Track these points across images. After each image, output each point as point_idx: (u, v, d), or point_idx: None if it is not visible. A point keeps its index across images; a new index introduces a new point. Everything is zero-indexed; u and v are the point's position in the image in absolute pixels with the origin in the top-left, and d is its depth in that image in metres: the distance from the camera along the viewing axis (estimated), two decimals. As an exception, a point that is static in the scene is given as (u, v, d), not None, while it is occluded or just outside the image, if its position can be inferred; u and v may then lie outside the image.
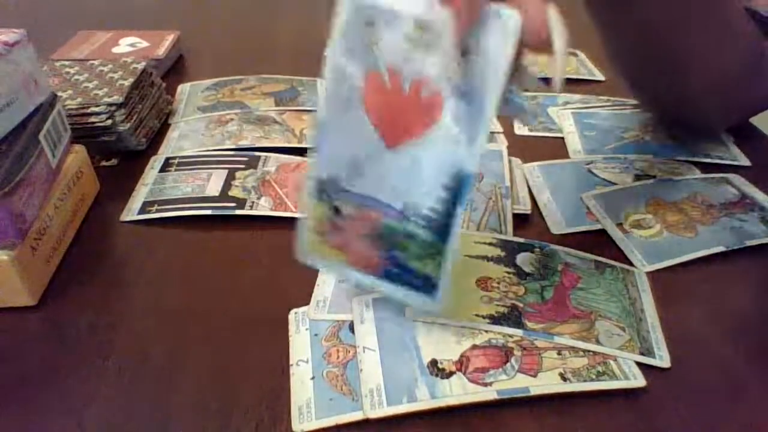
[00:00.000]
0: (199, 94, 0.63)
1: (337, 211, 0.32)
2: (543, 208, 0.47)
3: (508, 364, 0.34)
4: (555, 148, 0.55)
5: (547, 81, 0.30)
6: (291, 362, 0.35)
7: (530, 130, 0.58)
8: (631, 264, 0.42)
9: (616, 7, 0.43)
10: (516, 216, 0.46)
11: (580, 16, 0.51)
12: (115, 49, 0.70)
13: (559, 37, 0.28)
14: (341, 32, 0.29)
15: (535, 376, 0.33)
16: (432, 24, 0.28)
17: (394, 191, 0.31)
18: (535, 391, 0.32)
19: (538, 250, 0.42)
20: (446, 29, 0.27)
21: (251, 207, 0.46)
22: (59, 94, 0.48)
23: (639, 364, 0.34)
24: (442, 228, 0.31)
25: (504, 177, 0.49)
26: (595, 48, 0.58)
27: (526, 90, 0.32)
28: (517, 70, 0.29)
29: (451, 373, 0.33)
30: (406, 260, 0.32)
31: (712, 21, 0.46)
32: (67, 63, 0.57)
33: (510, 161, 0.51)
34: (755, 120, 0.59)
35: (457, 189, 0.30)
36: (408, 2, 0.28)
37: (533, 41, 0.29)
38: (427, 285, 0.32)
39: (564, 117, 0.59)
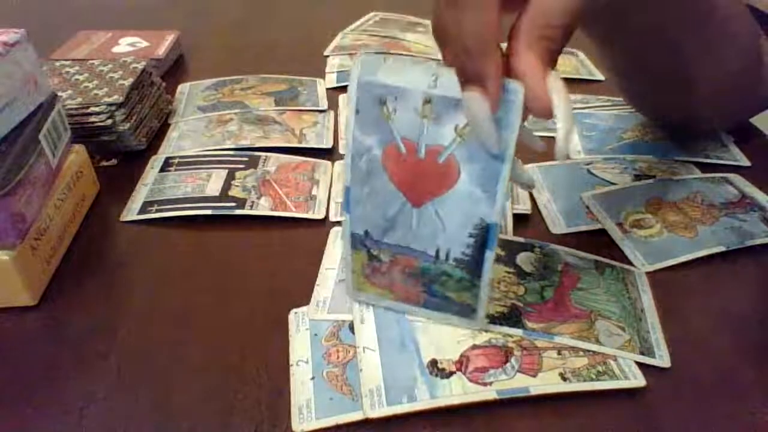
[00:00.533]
0: (199, 94, 0.63)
1: (375, 257, 0.35)
2: (543, 208, 0.47)
3: (508, 364, 0.34)
4: (555, 148, 0.55)
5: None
6: (291, 362, 0.35)
7: (530, 130, 0.58)
8: (631, 264, 0.42)
9: (612, 19, 0.43)
10: (516, 216, 0.46)
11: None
12: (115, 49, 0.70)
13: (560, 105, 0.28)
14: (355, 110, 0.31)
15: (534, 376, 0.33)
16: (439, 98, 0.30)
17: (425, 240, 0.33)
18: (535, 391, 0.32)
19: (538, 250, 0.42)
20: (476, 115, 0.29)
21: (251, 207, 0.46)
22: (59, 94, 0.48)
23: (639, 364, 0.34)
24: (474, 266, 0.33)
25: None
26: (594, 48, 0.58)
27: (531, 143, 0.33)
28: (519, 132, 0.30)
29: (451, 373, 0.33)
30: (444, 292, 0.34)
31: (708, 23, 0.46)
32: (67, 63, 0.57)
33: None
34: (755, 120, 0.59)
35: (483, 236, 0.32)
36: (414, 79, 0.30)
37: (537, 113, 0.29)
38: (467, 311, 0.35)
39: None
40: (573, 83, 0.66)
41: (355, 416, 0.31)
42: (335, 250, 0.42)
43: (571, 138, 0.29)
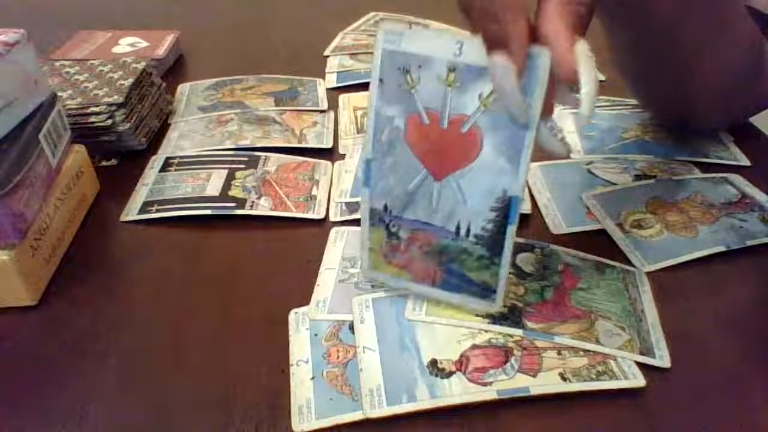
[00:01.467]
0: (199, 94, 0.63)
1: (393, 234, 0.34)
2: (543, 208, 0.47)
3: (508, 364, 0.34)
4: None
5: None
6: (291, 362, 0.35)
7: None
8: (631, 264, 0.42)
9: None
10: (516, 216, 0.46)
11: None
12: (115, 49, 0.70)
13: (587, 74, 0.28)
14: (378, 80, 0.31)
15: (534, 376, 0.33)
16: (464, 66, 0.30)
17: (445, 216, 0.33)
18: (534, 391, 0.32)
19: (538, 250, 0.42)
20: (502, 79, 0.28)
21: (251, 207, 0.46)
22: (59, 94, 0.48)
23: (639, 364, 0.34)
24: (494, 243, 0.33)
25: None
26: (595, 48, 0.58)
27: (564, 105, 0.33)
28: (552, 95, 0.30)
29: (451, 373, 0.33)
30: (463, 271, 0.34)
31: (713, 18, 0.46)
32: (67, 63, 0.57)
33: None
34: (755, 120, 0.59)
35: (505, 210, 0.32)
36: (439, 47, 0.30)
37: (563, 77, 0.29)
38: (485, 290, 0.34)
39: (564, 117, 0.59)
40: (573, 83, 0.66)
41: (355, 416, 0.31)
42: (335, 250, 0.42)
43: (594, 102, 0.29)
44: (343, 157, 0.53)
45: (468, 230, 0.33)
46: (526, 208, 0.47)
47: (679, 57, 0.48)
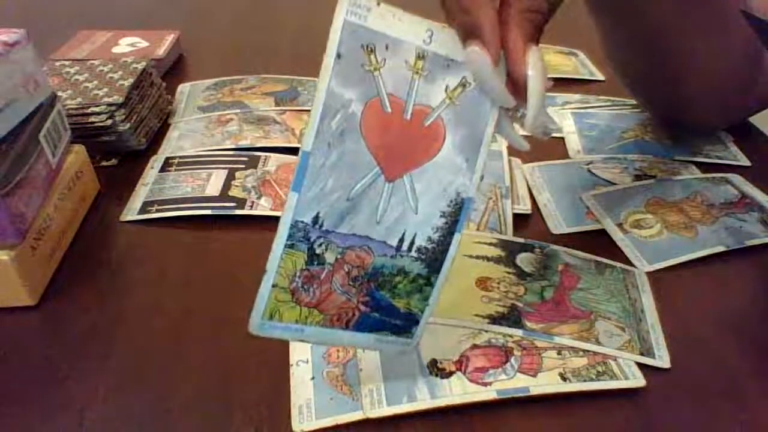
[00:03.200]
0: (199, 94, 0.63)
1: (316, 258, 0.28)
2: (543, 208, 0.47)
3: (508, 364, 0.34)
4: (555, 148, 0.55)
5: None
6: (291, 362, 0.35)
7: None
8: (631, 264, 0.42)
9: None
10: (516, 216, 0.46)
11: (581, 16, 0.51)
12: (115, 49, 0.70)
13: (534, 80, 0.28)
14: (335, 54, 0.26)
15: (534, 376, 0.33)
16: (433, 56, 0.28)
17: (389, 226, 0.29)
18: (534, 391, 0.32)
19: (538, 250, 0.42)
20: (479, 68, 0.28)
21: (251, 207, 0.46)
22: (59, 94, 0.48)
23: (639, 364, 0.34)
24: (436, 258, 0.30)
25: (504, 177, 0.49)
26: (595, 48, 0.58)
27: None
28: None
29: (450, 373, 0.33)
30: (390, 299, 0.30)
31: (709, 16, 0.46)
32: (67, 63, 0.57)
33: (510, 161, 0.51)
34: (755, 120, 0.59)
35: (455, 215, 0.30)
36: (409, 31, 0.27)
37: (514, 84, 0.29)
38: (407, 323, 0.31)
39: (564, 117, 0.59)
40: (573, 83, 0.67)
41: (355, 416, 0.31)
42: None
43: (540, 114, 0.29)
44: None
45: (412, 243, 0.29)
46: (525, 208, 0.47)
47: (675, 56, 0.48)
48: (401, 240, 0.29)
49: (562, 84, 0.66)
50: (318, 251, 0.28)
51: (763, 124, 0.59)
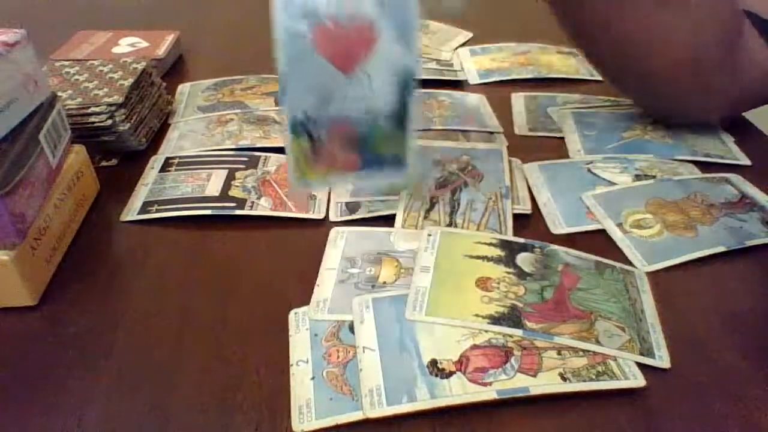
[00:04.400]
0: (199, 94, 0.63)
1: (316, 140, 0.39)
2: (543, 208, 0.47)
3: (508, 364, 0.34)
4: (555, 148, 0.55)
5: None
6: (291, 362, 0.35)
7: (530, 130, 0.58)
8: (631, 264, 0.42)
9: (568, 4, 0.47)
10: (516, 216, 0.46)
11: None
12: (115, 49, 0.70)
13: None
14: (283, 5, 0.36)
15: (534, 376, 0.33)
16: None
17: (358, 104, 0.38)
18: (534, 391, 0.32)
19: (538, 250, 0.42)
20: None
21: (251, 207, 0.46)
22: (59, 94, 0.48)
23: (639, 365, 0.34)
24: (400, 117, 0.39)
25: (504, 177, 0.49)
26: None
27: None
28: None
29: (450, 373, 0.33)
30: (377, 149, 0.40)
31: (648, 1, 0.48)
32: (67, 63, 0.57)
33: (510, 161, 0.51)
34: (755, 120, 0.59)
35: (404, 83, 0.39)
36: None
37: None
38: (396, 163, 0.41)
39: (564, 117, 0.59)
40: (573, 83, 0.67)
41: (355, 416, 0.31)
42: (336, 250, 0.42)
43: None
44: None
45: (378, 113, 0.39)
46: (525, 208, 0.47)
47: (625, 44, 0.49)
48: (370, 110, 0.39)
49: (562, 84, 0.66)
50: (314, 135, 0.39)
51: (763, 124, 0.59)
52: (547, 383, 0.33)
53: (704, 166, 0.52)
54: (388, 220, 0.45)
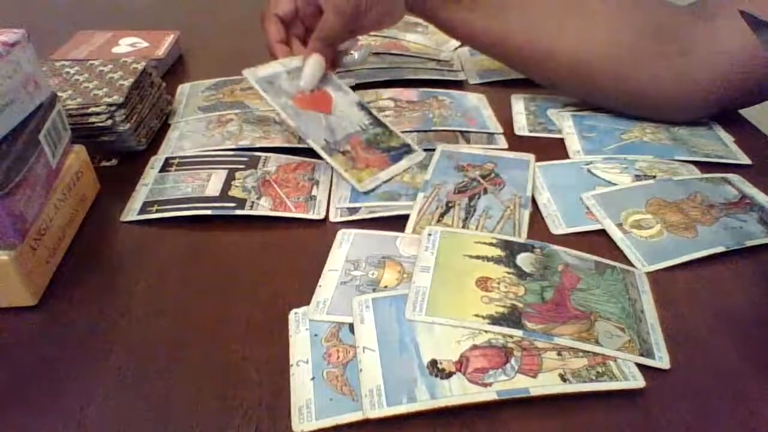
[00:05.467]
0: (199, 94, 0.63)
1: (343, 153, 0.50)
2: (543, 208, 0.47)
3: (508, 365, 0.34)
4: (555, 148, 0.55)
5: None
6: (291, 362, 0.35)
7: (530, 131, 0.58)
8: (631, 264, 0.42)
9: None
10: (516, 216, 0.46)
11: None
12: (115, 49, 0.70)
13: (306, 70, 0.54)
14: (266, 91, 0.51)
15: (534, 376, 0.33)
16: (297, 70, 0.54)
17: (349, 125, 0.53)
18: (534, 392, 0.32)
19: (538, 250, 0.42)
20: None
21: (251, 207, 0.46)
22: (59, 94, 0.48)
23: (639, 365, 0.34)
24: (377, 122, 0.55)
25: (527, 186, 0.49)
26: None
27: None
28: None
29: (450, 374, 0.33)
30: (385, 145, 0.53)
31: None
32: (67, 63, 0.57)
33: (535, 170, 0.51)
34: (755, 119, 0.59)
35: (360, 104, 0.56)
36: (285, 63, 0.54)
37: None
38: (407, 149, 0.54)
39: (563, 118, 0.59)
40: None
41: (355, 416, 0.31)
42: (340, 252, 0.42)
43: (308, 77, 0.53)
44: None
45: (362, 124, 0.54)
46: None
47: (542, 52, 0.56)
48: (358, 125, 0.54)
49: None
50: (341, 149, 0.51)
51: (763, 123, 0.59)
52: (547, 384, 0.33)
53: (704, 167, 0.52)
54: (402, 222, 0.45)
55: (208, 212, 0.46)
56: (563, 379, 0.33)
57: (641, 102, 0.56)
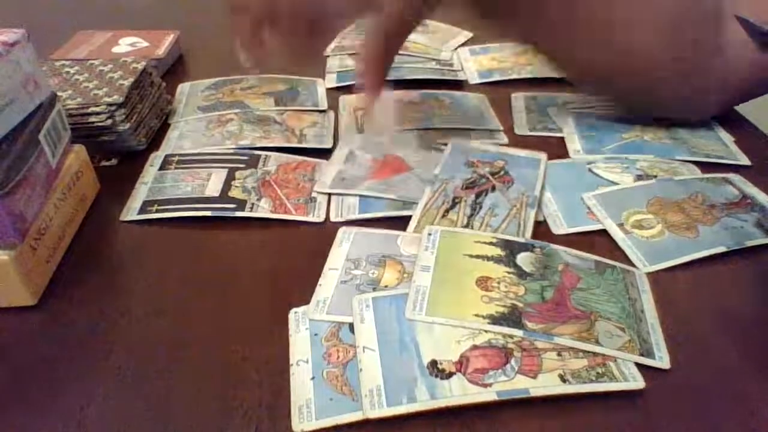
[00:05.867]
0: (199, 94, 0.63)
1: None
2: (543, 208, 0.47)
3: (508, 365, 0.34)
4: (555, 148, 0.55)
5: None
6: (291, 362, 0.35)
7: (530, 130, 0.58)
8: (631, 264, 0.42)
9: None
10: (516, 216, 0.46)
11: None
12: (115, 49, 0.70)
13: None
14: (347, 188, 0.49)
15: (534, 377, 0.33)
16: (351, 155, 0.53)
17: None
18: (534, 393, 0.32)
19: (538, 250, 0.42)
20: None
21: (251, 209, 0.46)
22: (59, 94, 0.48)
23: (639, 365, 0.34)
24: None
25: (536, 185, 0.48)
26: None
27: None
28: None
29: (450, 374, 0.33)
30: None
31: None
32: (67, 63, 0.57)
33: (546, 168, 0.50)
34: (756, 119, 0.59)
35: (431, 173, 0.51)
36: (349, 140, 0.54)
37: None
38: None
39: (564, 117, 0.59)
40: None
41: (355, 416, 0.31)
42: (340, 251, 0.42)
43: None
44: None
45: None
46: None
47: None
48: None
49: (563, 84, 0.66)
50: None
51: (763, 123, 0.59)
52: (547, 385, 0.33)
53: (705, 166, 0.51)
54: (403, 221, 0.45)
55: (208, 213, 0.46)
56: (563, 379, 0.33)
57: (648, 98, 0.55)
